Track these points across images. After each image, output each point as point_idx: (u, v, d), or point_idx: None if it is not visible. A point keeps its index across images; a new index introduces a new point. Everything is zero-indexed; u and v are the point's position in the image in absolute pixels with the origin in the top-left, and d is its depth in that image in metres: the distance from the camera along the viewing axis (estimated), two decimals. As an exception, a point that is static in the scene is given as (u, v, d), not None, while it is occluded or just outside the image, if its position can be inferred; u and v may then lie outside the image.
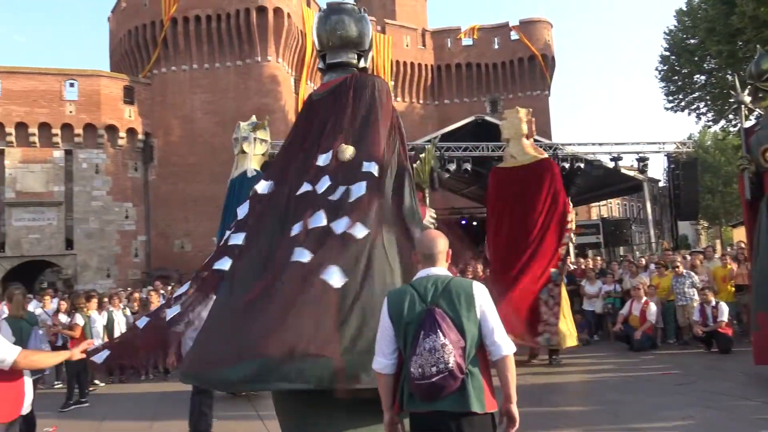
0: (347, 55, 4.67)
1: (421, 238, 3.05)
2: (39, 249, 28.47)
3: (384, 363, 2.85)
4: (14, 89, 28.40)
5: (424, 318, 2.70)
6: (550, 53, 39.52)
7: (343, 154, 4.41)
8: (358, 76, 4.65)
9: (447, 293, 2.75)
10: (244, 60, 31.16)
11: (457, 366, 2.62)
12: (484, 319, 2.74)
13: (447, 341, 2.63)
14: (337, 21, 4.65)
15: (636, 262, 13.86)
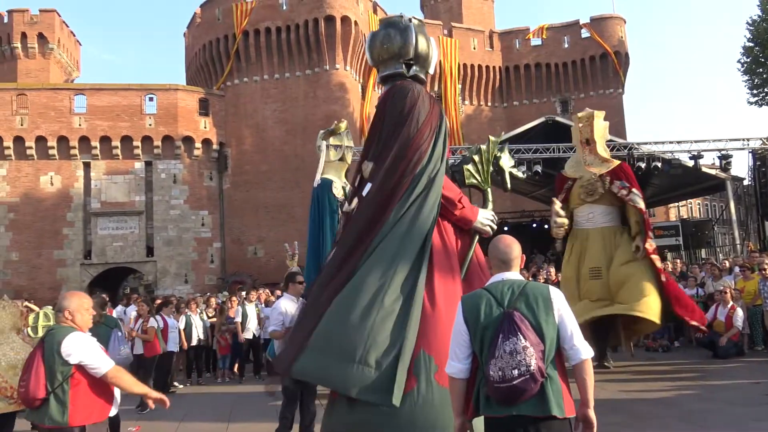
0: (395, 67, 4.74)
1: (496, 243, 3.02)
2: (122, 256, 29.85)
3: (458, 367, 2.84)
4: (99, 105, 29.94)
5: (502, 321, 2.69)
6: (623, 50, 38.30)
7: (365, 171, 4.53)
8: (395, 86, 4.67)
9: (524, 297, 2.74)
10: (313, 69, 31.71)
11: (538, 369, 2.60)
12: (563, 323, 2.73)
13: (528, 344, 2.62)
14: (384, 35, 4.76)
15: (719, 265, 13.20)
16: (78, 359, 3.52)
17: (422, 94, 4.57)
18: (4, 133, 28.84)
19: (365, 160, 4.56)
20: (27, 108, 29.31)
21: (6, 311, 5.88)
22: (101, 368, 3.56)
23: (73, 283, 28.88)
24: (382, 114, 4.63)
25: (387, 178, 4.33)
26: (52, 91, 30.37)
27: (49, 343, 3.59)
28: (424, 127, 4.45)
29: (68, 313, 3.66)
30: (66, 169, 29.67)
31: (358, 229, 4.29)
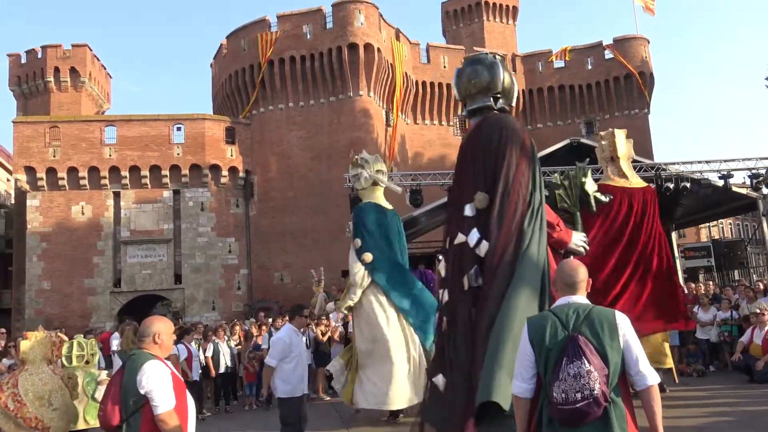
0: (483, 100, 5.00)
1: (562, 267, 3.10)
2: (151, 284, 30.19)
3: (524, 387, 2.89)
4: (129, 135, 30.59)
5: (566, 344, 2.74)
6: (648, 70, 38.06)
7: (481, 203, 4.63)
8: (488, 117, 4.92)
9: (589, 321, 2.79)
10: (337, 96, 32.04)
11: (602, 393, 2.64)
12: (628, 349, 2.76)
13: (592, 368, 2.66)
14: (471, 71, 5.04)
15: (753, 287, 12.86)
16: (146, 390, 3.46)
17: (516, 125, 4.84)
18: (37, 165, 29.57)
19: (477, 191, 4.64)
20: (59, 140, 30.05)
21: (38, 342, 5.97)
22: (159, 407, 3.46)
23: (103, 311, 29.29)
24: (479, 145, 4.80)
25: (508, 209, 4.50)
26: (83, 123, 31.12)
27: (129, 369, 3.55)
28: (524, 156, 4.66)
29: (158, 337, 3.65)
30: (96, 198, 30.25)
31: (495, 260, 4.39)
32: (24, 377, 5.88)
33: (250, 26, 33.24)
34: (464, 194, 4.81)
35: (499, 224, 4.47)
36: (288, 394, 6.23)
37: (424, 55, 36.37)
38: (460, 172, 5.04)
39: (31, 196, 29.82)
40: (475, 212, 4.63)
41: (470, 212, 4.65)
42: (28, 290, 29.18)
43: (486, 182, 4.63)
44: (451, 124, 36.98)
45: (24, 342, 6.07)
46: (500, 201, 4.51)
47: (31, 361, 6.00)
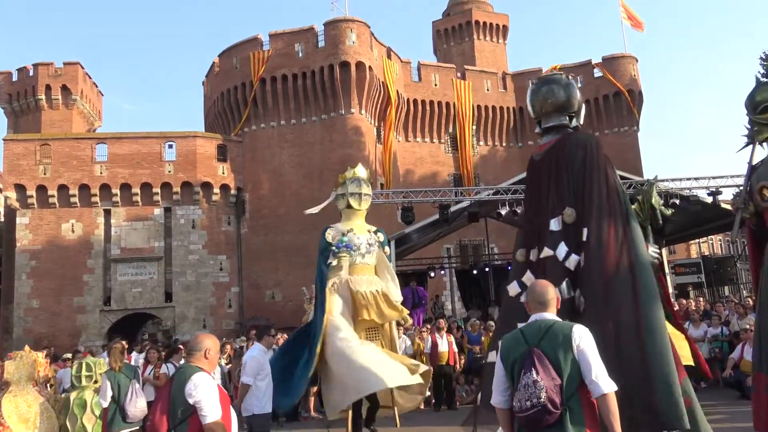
0: (559, 119, 5.20)
1: (533, 286, 3.34)
2: (141, 302, 29.99)
3: (499, 399, 3.17)
4: (120, 153, 30.54)
5: (525, 357, 2.98)
6: (636, 88, 38.47)
7: (568, 218, 4.78)
8: (570, 135, 5.12)
9: (549, 335, 3.02)
10: (329, 113, 32.16)
11: (550, 401, 2.83)
12: (583, 359, 2.95)
13: (539, 378, 2.86)
14: (547, 91, 5.25)
15: (743, 303, 12.93)
16: (195, 400, 3.58)
17: (594, 140, 5.01)
18: (27, 183, 29.45)
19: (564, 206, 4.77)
20: (50, 157, 29.96)
21: (22, 362, 5.89)
22: (208, 416, 3.59)
23: (92, 329, 29.04)
24: (563, 162, 4.93)
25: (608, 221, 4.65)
26: (74, 140, 31.07)
27: (177, 381, 3.68)
28: (611, 171, 4.87)
29: (208, 353, 3.77)
30: (87, 216, 30.12)
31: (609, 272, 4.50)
32: (8, 399, 5.78)
33: (242, 45, 33.41)
34: (546, 209, 4.93)
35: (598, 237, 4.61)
36: (262, 410, 6.48)
37: (415, 74, 36.64)
38: (538, 188, 5.14)
39: (21, 213, 29.65)
40: (562, 226, 4.76)
41: (556, 227, 4.80)
42: (16, 309, 28.90)
43: (575, 198, 4.79)
44: (442, 142, 37.17)
45: (8, 363, 5.96)
46: (597, 214, 4.67)
47: (16, 381, 5.89)
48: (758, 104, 6.07)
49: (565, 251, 4.66)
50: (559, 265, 4.66)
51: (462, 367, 12.91)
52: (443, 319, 13.50)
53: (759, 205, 6.07)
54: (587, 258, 4.58)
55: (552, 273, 4.64)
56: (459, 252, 34.14)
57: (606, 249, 4.59)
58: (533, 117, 5.47)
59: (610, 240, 4.61)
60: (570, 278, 4.59)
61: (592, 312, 4.37)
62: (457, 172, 36.83)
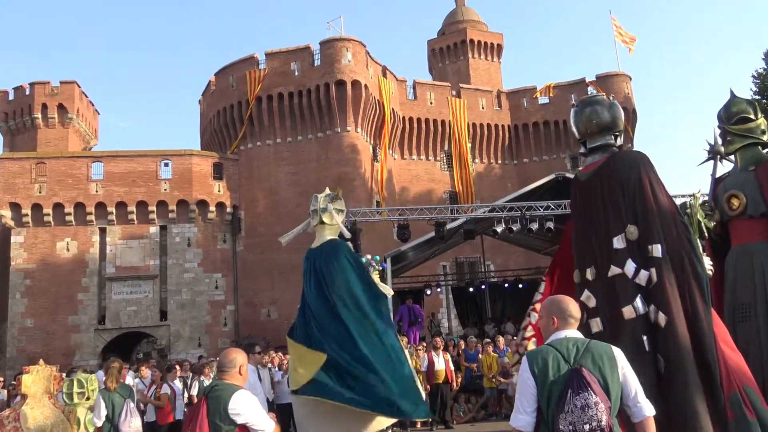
0: (605, 138, 5.33)
1: (555, 301, 3.21)
2: (136, 321, 29.81)
3: (525, 420, 2.94)
4: (115, 171, 30.54)
5: (570, 377, 2.81)
6: (630, 106, 38.76)
7: (631, 235, 4.82)
8: (621, 154, 5.25)
9: (589, 354, 2.89)
10: (325, 132, 32.28)
11: (608, 424, 2.73)
12: (626, 381, 2.88)
13: (599, 399, 2.74)
14: (591, 111, 5.37)
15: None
16: (245, 419, 3.60)
17: (645, 157, 5.14)
18: (22, 201, 29.38)
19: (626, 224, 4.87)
20: (45, 176, 29.94)
21: (39, 375, 5.99)
22: (266, 430, 3.66)
23: (86, 348, 28.83)
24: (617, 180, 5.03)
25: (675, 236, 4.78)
26: (70, 159, 31.07)
27: (215, 400, 3.64)
28: (663, 186, 4.98)
29: (242, 369, 3.79)
30: (82, 234, 30.03)
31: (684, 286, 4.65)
32: (25, 411, 5.93)
33: (238, 63, 33.60)
34: (600, 228, 4.99)
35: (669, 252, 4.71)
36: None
37: (410, 92, 36.86)
38: (587, 207, 5.21)
39: (16, 232, 29.56)
40: (626, 244, 4.81)
41: (620, 245, 4.83)
42: (10, 328, 28.70)
43: (633, 215, 4.86)
44: (438, 159, 37.30)
45: (26, 376, 6.15)
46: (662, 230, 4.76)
47: (33, 394, 6.06)
48: (733, 115, 6.30)
49: (633, 267, 4.70)
50: (630, 282, 4.69)
51: (459, 386, 12.83)
52: (440, 337, 13.47)
53: (726, 214, 6.23)
54: (659, 274, 4.63)
55: (622, 290, 4.69)
56: (455, 269, 34.11)
57: (678, 263, 4.69)
58: (578, 138, 5.63)
59: (681, 254, 4.71)
60: (642, 294, 4.62)
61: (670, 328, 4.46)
62: (452, 189, 36.92)
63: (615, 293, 4.74)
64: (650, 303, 4.58)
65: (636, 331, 4.49)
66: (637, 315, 4.56)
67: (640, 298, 4.60)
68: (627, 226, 4.82)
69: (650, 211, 4.81)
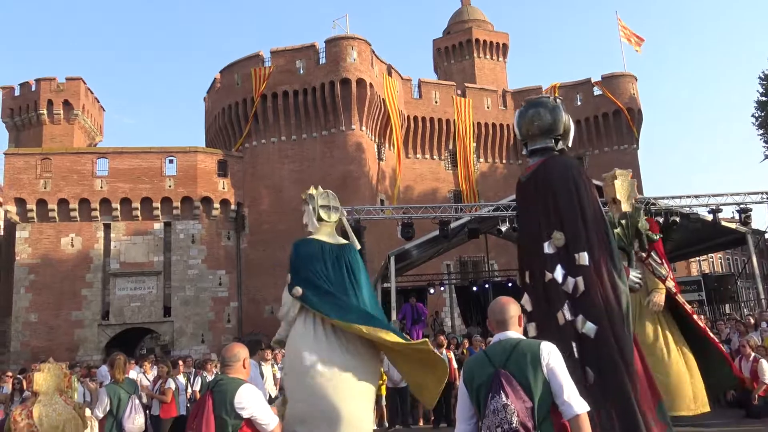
0: (545, 141, 5.24)
1: (492, 304, 3.13)
2: (140, 316, 29.87)
3: (464, 428, 2.91)
4: (120, 168, 30.61)
5: (492, 380, 2.76)
6: (636, 106, 38.67)
7: (558, 241, 4.82)
8: (554, 159, 5.18)
9: (515, 355, 2.80)
10: (330, 130, 32.29)
11: (522, 426, 2.62)
12: (553, 378, 2.75)
13: (509, 401, 2.66)
14: (534, 113, 5.29)
15: (744, 321, 12.88)
16: (250, 413, 3.64)
17: (579, 165, 5.16)
18: (27, 197, 29.46)
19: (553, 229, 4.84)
20: (51, 171, 30.01)
21: (51, 373, 6.03)
22: (270, 424, 3.70)
23: (90, 344, 28.91)
24: (546, 184, 5.02)
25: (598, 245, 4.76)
26: (75, 155, 31.14)
27: (220, 394, 3.67)
28: (594, 195, 4.97)
29: (246, 363, 3.83)
30: (87, 230, 30.10)
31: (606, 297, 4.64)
32: (38, 408, 5.99)
33: (243, 61, 33.62)
34: (536, 232, 4.98)
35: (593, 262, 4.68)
36: None
37: (416, 91, 36.83)
38: (527, 210, 5.23)
39: (21, 227, 29.63)
40: (555, 250, 4.80)
41: (550, 250, 4.83)
42: (14, 322, 28.79)
43: (561, 221, 4.84)
44: (443, 158, 37.26)
45: (38, 374, 6.21)
46: (588, 239, 4.73)
47: (44, 392, 6.10)
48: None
49: (562, 274, 4.69)
50: (559, 288, 4.69)
51: (462, 384, 12.79)
52: (443, 335, 13.45)
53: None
54: (586, 283, 4.61)
55: (555, 296, 4.69)
56: (459, 268, 34.10)
57: (600, 275, 4.65)
58: (520, 139, 5.56)
59: (602, 265, 4.68)
60: (569, 302, 4.60)
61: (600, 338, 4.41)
62: (457, 188, 36.90)
63: (549, 298, 4.73)
64: (577, 312, 4.54)
65: (566, 338, 4.46)
66: (564, 322, 4.55)
67: (567, 305, 4.59)
68: (553, 233, 4.79)
69: (577, 218, 4.78)
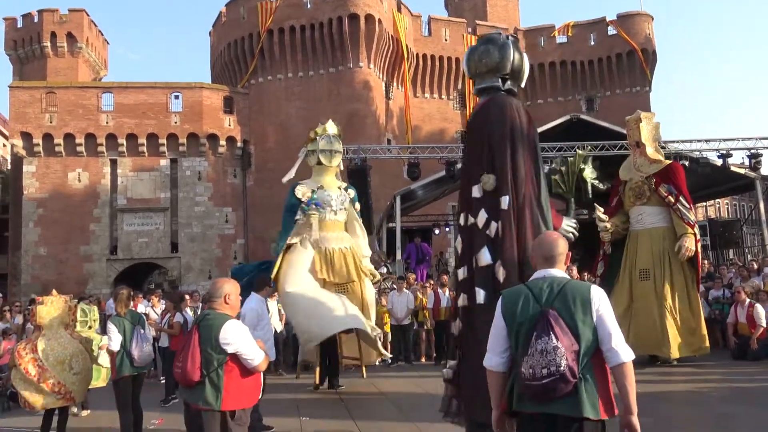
0: (491, 81, 5.05)
1: (541, 239, 3.05)
2: (147, 252, 30.24)
3: (496, 361, 2.86)
4: (126, 103, 30.36)
5: (537, 319, 2.68)
6: (650, 47, 37.75)
7: (487, 184, 4.70)
8: (494, 99, 4.98)
9: (563, 296, 2.72)
10: (337, 67, 31.76)
11: (569, 370, 2.58)
12: (601, 324, 2.68)
13: (559, 344, 2.60)
14: (483, 51, 5.08)
15: (747, 266, 12.91)
16: (235, 348, 3.67)
17: (519, 107, 4.92)
18: (33, 131, 29.38)
19: (483, 172, 4.74)
20: (56, 106, 29.82)
21: (54, 306, 5.99)
22: (255, 359, 3.74)
23: (99, 278, 29.38)
24: (485, 125, 4.88)
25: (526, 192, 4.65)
26: (80, 89, 30.88)
27: (206, 329, 3.71)
28: (529, 140, 4.80)
29: (228, 298, 3.82)
30: (93, 165, 30.13)
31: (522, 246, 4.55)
32: (43, 342, 5.91)
33: (250, -6, 32.80)
34: (472, 175, 4.88)
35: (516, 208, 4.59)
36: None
37: (425, 28, 36.00)
38: (466, 151, 5.13)
39: (28, 161, 29.69)
40: (482, 193, 4.73)
41: (478, 193, 4.75)
42: (24, 256, 29.21)
43: (493, 164, 4.72)
44: (451, 98, 36.75)
45: (41, 307, 6.08)
46: (512, 182, 4.63)
47: (48, 326, 6.02)
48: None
49: (485, 218, 4.63)
50: (481, 233, 4.63)
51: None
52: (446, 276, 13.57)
53: None
54: (503, 228, 4.55)
55: (476, 240, 4.65)
56: (464, 210, 34.13)
57: (522, 220, 4.56)
58: (469, 77, 5.37)
59: (525, 211, 4.58)
60: (489, 246, 4.55)
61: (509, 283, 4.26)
62: (465, 129, 36.51)
63: (471, 243, 4.70)
64: (497, 257, 4.50)
65: (488, 281, 4.47)
66: (481, 265, 4.52)
67: (487, 248, 4.55)
68: (483, 175, 4.70)
69: (506, 162, 4.66)
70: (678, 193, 9.43)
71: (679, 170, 9.81)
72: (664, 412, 6.58)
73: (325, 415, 7.16)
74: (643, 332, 9.18)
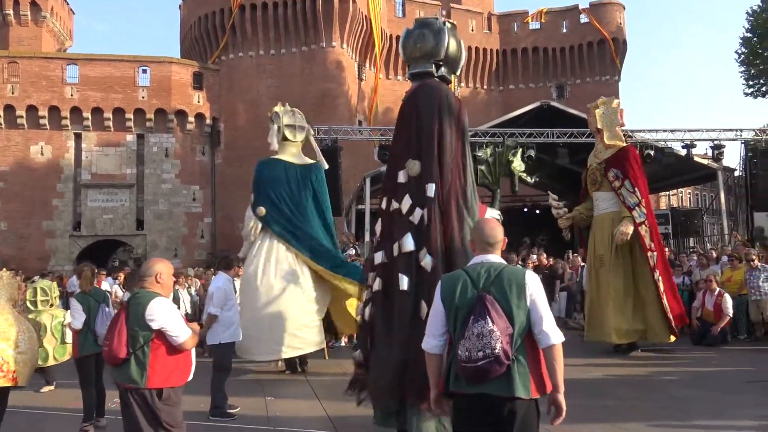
0: (424, 66, 5.00)
1: (481, 225, 3.11)
2: (112, 229, 29.75)
3: (433, 343, 2.95)
4: (91, 76, 29.62)
5: (474, 304, 2.77)
6: (621, 37, 38.16)
7: (412, 170, 4.68)
8: (424, 85, 4.94)
9: (499, 280, 2.82)
10: (309, 46, 31.42)
11: (503, 352, 2.68)
12: (534, 308, 2.79)
13: (495, 327, 2.69)
14: (418, 35, 5.04)
15: (707, 254, 13.25)
16: (159, 325, 3.64)
17: (450, 94, 4.87)
18: (-6, 101, 28.51)
19: (409, 158, 4.71)
20: (18, 76, 28.96)
21: (2, 282, 5.81)
22: (180, 337, 3.70)
23: (62, 254, 28.82)
24: (413, 111, 4.86)
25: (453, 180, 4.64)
26: (44, 60, 30.02)
27: (134, 307, 3.70)
28: (458, 128, 4.77)
29: (159, 277, 3.80)
30: (57, 139, 29.41)
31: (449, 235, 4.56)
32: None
33: (221, -33, 32.13)
34: (399, 160, 4.85)
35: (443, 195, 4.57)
36: (228, 339, 6.51)
37: (399, 9, 35.80)
38: (395, 137, 5.12)
39: (-12, 133, 28.83)
40: (408, 179, 4.70)
41: (403, 179, 4.73)
42: (-17, 230, 28.49)
43: (419, 149, 4.69)
44: (424, 81, 36.69)
45: None
46: (438, 170, 4.60)
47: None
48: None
49: (409, 204, 4.61)
50: (404, 219, 4.62)
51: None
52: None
53: None
54: (430, 216, 4.54)
55: (398, 226, 4.64)
56: (434, 193, 34.28)
57: (447, 209, 4.55)
58: (404, 60, 5.35)
59: (451, 200, 4.57)
60: (413, 232, 4.54)
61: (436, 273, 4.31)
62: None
63: (392, 228, 4.71)
64: (421, 244, 4.49)
65: (402, 269, 4.47)
66: (403, 252, 4.52)
67: (410, 235, 4.53)
68: (408, 161, 4.70)
69: (433, 149, 4.65)
70: (624, 177, 9.47)
71: (629, 153, 9.86)
72: (622, 395, 6.76)
73: (290, 395, 7.19)
74: (594, 319, 9.34)
